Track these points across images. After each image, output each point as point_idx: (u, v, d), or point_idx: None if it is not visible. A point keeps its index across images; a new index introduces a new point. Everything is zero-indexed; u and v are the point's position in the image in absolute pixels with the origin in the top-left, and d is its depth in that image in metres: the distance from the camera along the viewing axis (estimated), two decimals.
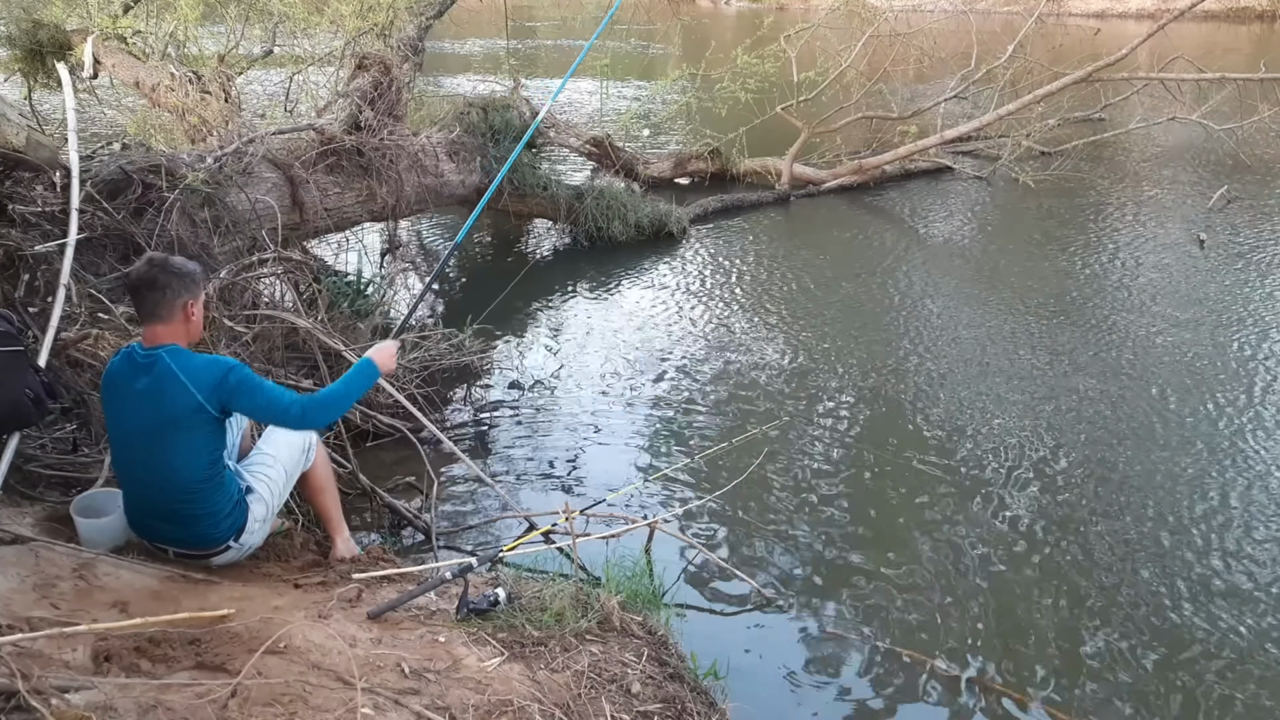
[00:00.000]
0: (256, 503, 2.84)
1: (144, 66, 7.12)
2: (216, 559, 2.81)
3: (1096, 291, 6.68)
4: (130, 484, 2.73)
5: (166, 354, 2.58)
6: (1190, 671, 3.07)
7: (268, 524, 2.92)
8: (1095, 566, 3.57)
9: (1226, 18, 26.43)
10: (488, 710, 2.11)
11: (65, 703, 1.72)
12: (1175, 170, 10.49)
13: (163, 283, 2.58)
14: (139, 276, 2.60)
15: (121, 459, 2.73)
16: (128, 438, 2.65)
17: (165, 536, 2.76)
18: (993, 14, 13.66)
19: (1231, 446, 4.48)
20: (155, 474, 2.62)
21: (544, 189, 7.17)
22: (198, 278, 2.68)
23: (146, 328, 2.62)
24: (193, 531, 2.72)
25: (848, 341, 5.71)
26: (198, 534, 2.73)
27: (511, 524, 3.71)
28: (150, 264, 2.62)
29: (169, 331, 2.61)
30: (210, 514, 2.70)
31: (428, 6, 8.24)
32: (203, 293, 2.74)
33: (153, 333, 2.62)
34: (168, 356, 2.57)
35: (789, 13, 21.25)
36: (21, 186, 3.82)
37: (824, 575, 3.52)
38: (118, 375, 2.64)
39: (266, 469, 2.91)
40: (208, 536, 2.74)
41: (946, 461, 4.31)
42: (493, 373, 5.13)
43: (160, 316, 2.60)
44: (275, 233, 4.75)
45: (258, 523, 2.84)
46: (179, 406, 2.55)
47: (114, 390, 2.65)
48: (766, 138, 9.64)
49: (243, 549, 2.85)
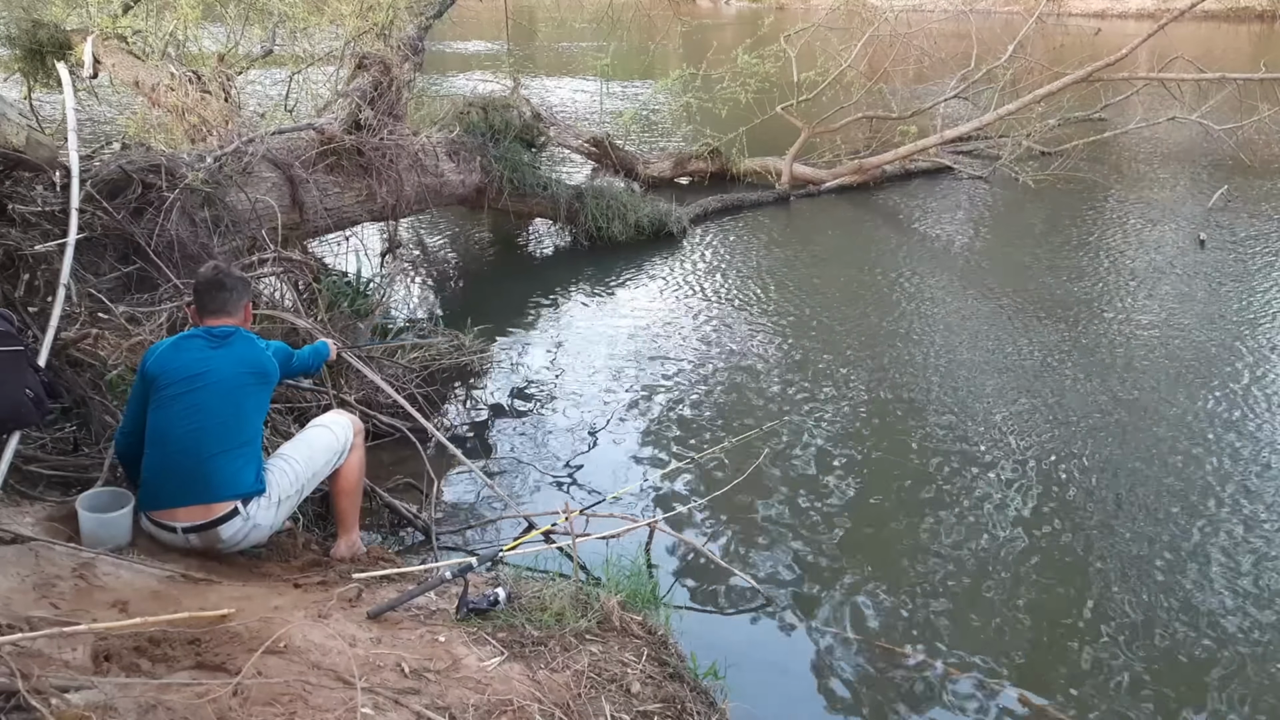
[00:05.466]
0: (270, 485, 2.93)
1: (144, 66, 7.12)
2: (223, 528, 2.83)
3: (1097, 291, 6.68)
4: (164, 441, 2.83)
5: (241, 330, 3.04)
6: (1191, 671, 3.07)
7: (273, 509, 2.93)
8: (1098, 566, 3.57)
9: (1226, 18, 26.41)
10: (488, 710, 2.11)
11: (65, 702, 1.72)
12: (1175, 170, 10.49)
13: (230, 284, 3.06)
14: (209, 279, 3.06)
15: (167, 415, 2.85)
16: (188, 388, 2.85)
17: (181, 495, 2.80)
18: (993, 14, 13.68)
19: (1233, 446, 4.48)
20: (203, 418, 2.84)
21: (544, 189, 7.17)
22: (250, 283, 3.28)
23: (214, 319, 3.02)
24: (219, 477, 2.82)
25: (848, 341, 5.71)
26: (222, 480, 2.82)
27: (511, 524, 3.71)
28: (217, 270, 3.11)
29: (234, 323, 3.05)
30: (239, 464, 2.87)
31: (428, 6, 8.23)
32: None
33: (220, 323, 3.01)
34: (242, 331, 3.05)
35: (789, 13, 21.25)
36: (21, 186, 3.80)
37: (824, 575, 3.52)
38: (189, 343, 2.96)
39: (282, 462, 3.03)
40: (230, 484, 2.83)
41: (947, 461, 4.31)
42: (493, 373, 5.13)
43: (229, 312, 3.04)
44: (275, 232, 4.74)
45: (265, 500, 2.90)
46: (261, 364, 3.01)
47: (185, 352, 2.92)
48: (766, 138, 9.64)
49: (248, 522, 2.86)
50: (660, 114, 11.51)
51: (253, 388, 2.98)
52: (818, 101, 9.68)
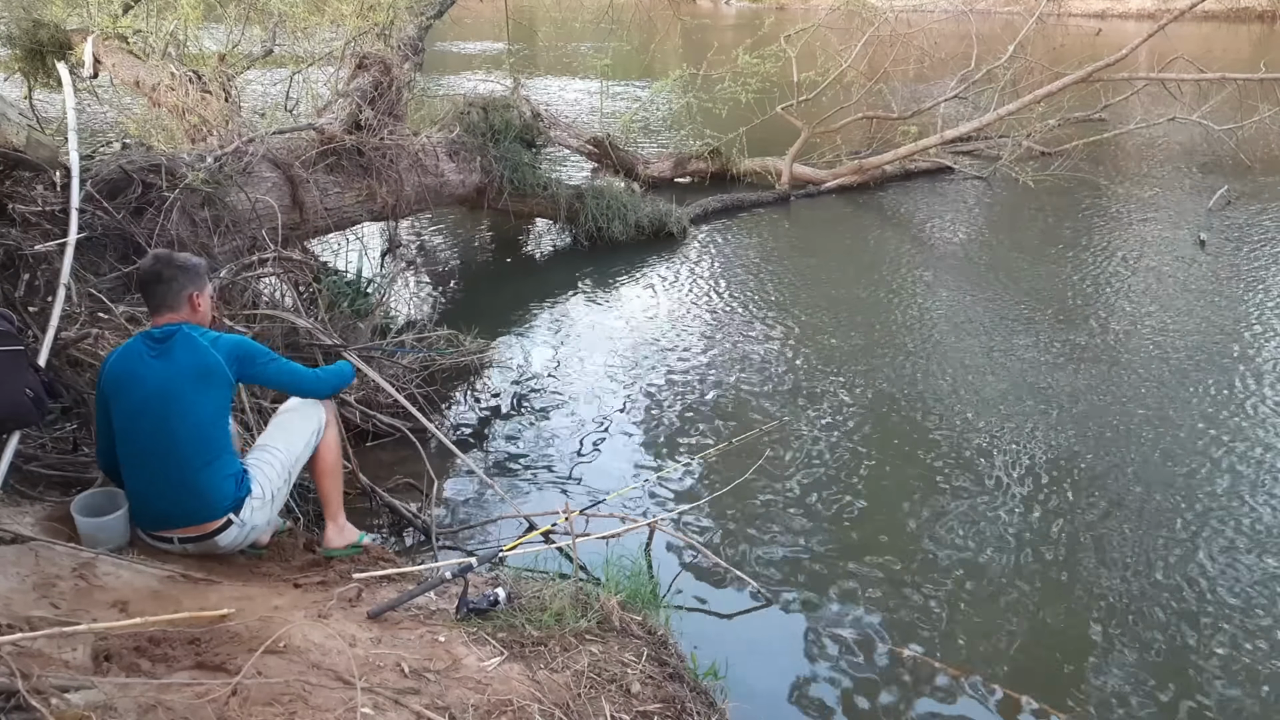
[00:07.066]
0: (256, 484, 2.88)
1: (144, 66, 7.12)
2: (220, 538, 2.82)
3: (1097, 292, 6.68)
4: (137, 465, 2.76)
5: (185, 327, 2.78)
6: (1192, 671, 3.07)
7: (267, 507, 2.92)
8: (1099, 566, 3.56)
9: (1226, 18, 26.39)
10: (487, 710, 2.11)
11: (65, 702, 1.72)
12: (1175, 170, 10.48)
13: (168, 276, 2.79)
14: (146, 271, 2.81)
15: (130, 437, 2.76)
16: (140, 409, 2.72)
17: (171, 517, 2.78)
18: (993, 14, 13.67)
19: (1234, 446, 4.47)
20: (165, 441, 2.71)
21: (544, 189, 7.17)
22: (202, 270, 2.90)
23: (157, 317, 2.81)
24: (199, 500, 2.76)
25: (848, 341, 5.71)
26: (204, 503, 2.76)
27: (511, 524, 3.71)
28: (156, 260, 2.84)
29: (179, 319, 2.81)
30: (215, 481, 2.77)
31: (428, 6, 8.24)
32: (208, 285, 2.95)
33: (163, 320, 2.80)
34: (185, 328, 2.78)
35: (789, 13, 21.25)
36: (21, 186, 3.81)
37: (824, 575, 3.52)
38: (132, 352, 2.78)
39: (264, 454, 2.97)
40: (213, 504, 2.78)
41: (947, 461, 4.31)
42: (493, 373, 5.13)
43: (169, 306, 2.80)
44: (275, 232, 4.75)
45: (256, 501, 2.86)
46: (199, 364, 2.74)
47: (128, 363, 2.76)
48: (767, 138, 9.64)
49: (244, 528, 2.85)
50: (660, 114, 11.51)
51: (201, 394, 2.75)
52: (818, 102, 9.68)
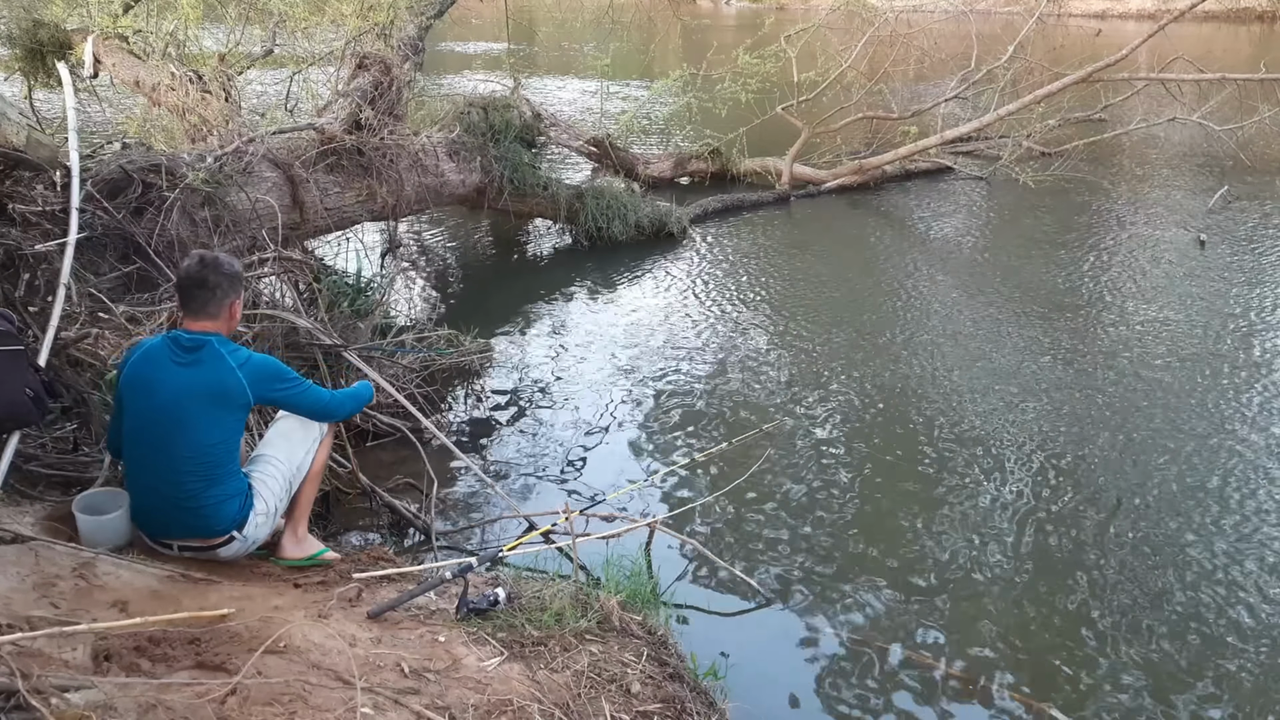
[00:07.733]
0: (259, 498, 2.86)
1: (144, 66, 7.11)
2: (222, 550, 2.82)
3: (1097, 292, 6.67)
4: (140, 471, 2.75)
5: (215, 340, 2.73)
6: (1192, 672, 3.07)
7: (270, 521, 2.92)
8: (1099, 567, 3.56)
9: (1226, 18, 26.40)
10: (487, 710, 2.11)
11: (65, 702, 1.72)
12: (1175, 170, 10.48)
13: (214, 283, 2.73)
14: (190, 275, 2.73)
15: (137, 440, 2.74)
16: (150, 418, 2.69)
17: (171, 528, 2.77)
18: (993, 14, 13.67)
19: (1234, 447, 4.47)
20: (174, 453, 2.68)
21: (544, 189, 7.17)
22: (241, 277, 2.87)
23: (192, 321, 2.75)
24: (200, 519, 2.74)
25: (848, 341, 5.71)
26: (205, 522, 2.75)
27: (511, 524, 3.71)
28: (202, 264, 2.75)
29: (214, 326, 2.77)
30: (218, 501, 2.74)
31: (428, 6, 8.24)
32: (243, 290, 2.93)
33: (199, 325, 2.75)
34: (216, 343, 2.72)
35: (789, 13, 21.25)
36: (21, 186, 3.81)
37: (824, 575, 3.52)
38: (155, 353, 2.73)
39: (268, 466, 2.94)
40: (214, 524, 2.76)
41: (947, 461, 4.31)
42: (493, 373, 5.13)
43: (210, 314, 2.75)
44: (275, 232, 4.74)
45: (260, 516, 2.86)
46: (222, 385, 2.69)
47: (149, 366, 2.72)
48: (767, 138, 9.64)
49: (246, 542, 2.85)
50: (660, 114, 11.50)
51: (213, 416, 2.70)
52: (818, 102, 9.68)
